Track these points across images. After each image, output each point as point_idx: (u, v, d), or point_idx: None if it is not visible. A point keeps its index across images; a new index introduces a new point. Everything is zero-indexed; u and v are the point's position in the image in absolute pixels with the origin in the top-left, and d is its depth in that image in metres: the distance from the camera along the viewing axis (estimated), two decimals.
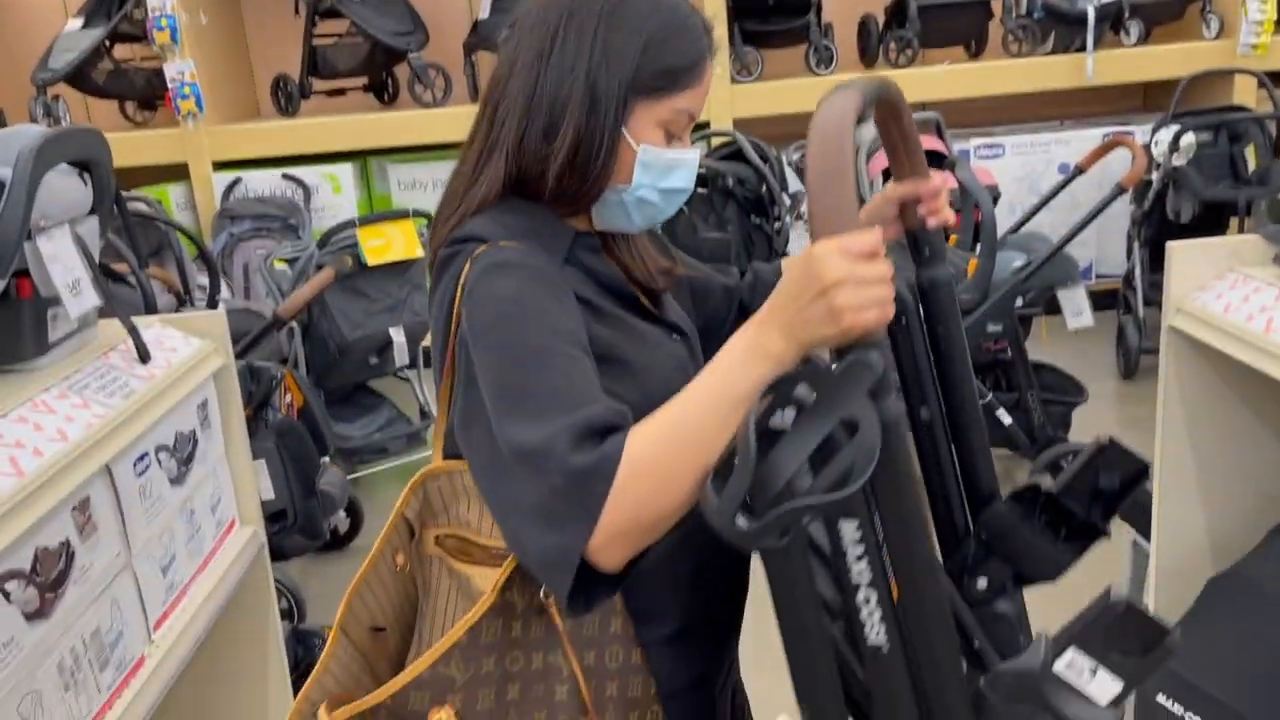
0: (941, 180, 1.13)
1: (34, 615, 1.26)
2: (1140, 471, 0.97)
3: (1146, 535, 2.36)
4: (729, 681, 1.14)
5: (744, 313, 1.22)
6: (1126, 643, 0.84)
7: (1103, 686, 0.84)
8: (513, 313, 0.92)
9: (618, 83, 0.99)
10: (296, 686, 2.05)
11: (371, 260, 3.30)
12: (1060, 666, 0.85)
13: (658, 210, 1.05)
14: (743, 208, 4.31)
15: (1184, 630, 1.67)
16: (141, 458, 1.57)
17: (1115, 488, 0.97)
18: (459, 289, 0.96)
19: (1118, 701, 0.85)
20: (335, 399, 3.63)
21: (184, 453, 1.71)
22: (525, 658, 0.93)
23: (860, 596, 0.82)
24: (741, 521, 0.74)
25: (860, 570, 0.82)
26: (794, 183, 4.14)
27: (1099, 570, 2.88)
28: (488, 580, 0.95)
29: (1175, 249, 1.79)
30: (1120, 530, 2.56)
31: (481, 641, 0.90)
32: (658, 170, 1.03)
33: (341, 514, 3.28)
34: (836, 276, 0.78)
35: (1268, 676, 1.48)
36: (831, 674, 0.85)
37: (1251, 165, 4.03)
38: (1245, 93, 4.45)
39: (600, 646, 0.98)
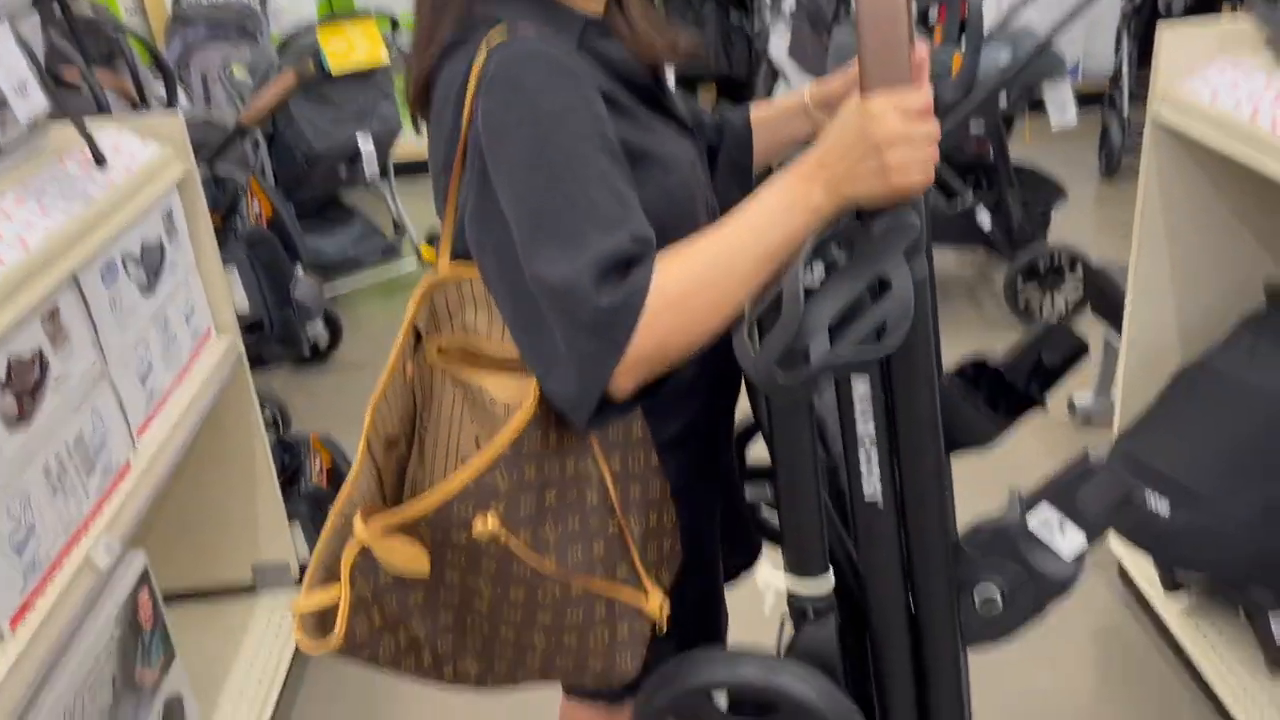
0: (925, 52, 1.05)
1: (14, 422, 1.26)
2: (1080, 351, 1.00)
3: (1118, 333, 2.39)
4: (728, 480, 1.17)
5: (710, 155, 1.16)
6: (1096, 500, 0.88)
7: (1069, 541, 0.89)
8: (539, 118, 0.85)
9: None
10: (284, 492, 2.10)
11: (335, 67, 3.16)
12: (1033, 523, 0.89)
13: None
14: (721, 5, 4.14)
15: (1148, 415, 1.72)
16: (109, 267, 1.55)
17: (1056, 365, 0.99)
18: (473, 77, 0.89)
19: (1081, 557, 0.89)
20: (306, 213, 3.56)
21: (152, 263, 1.68)
22: (560, 464, 0.93)
23: (862, 452, 0.84)
24: (780, 374, 0.74)
25: (865, 427, 0.84)
26: None
27: (1079, 369, 2.93)
28: (502, 388, 0.94)
29: (1165, 31, 1.73)
30: (1098, 329, 2.60)
31: (524, 451, 0.90)
32: None
33: (321, 327, 3.29)
34: (891, 134, 0.77)
35: (1227, 458, 1.53)
36: (820, 522, 0.87)
37: None
38: None
39: (625, 451, 0.99)
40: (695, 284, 0.83)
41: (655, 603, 0.99)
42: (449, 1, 0.96)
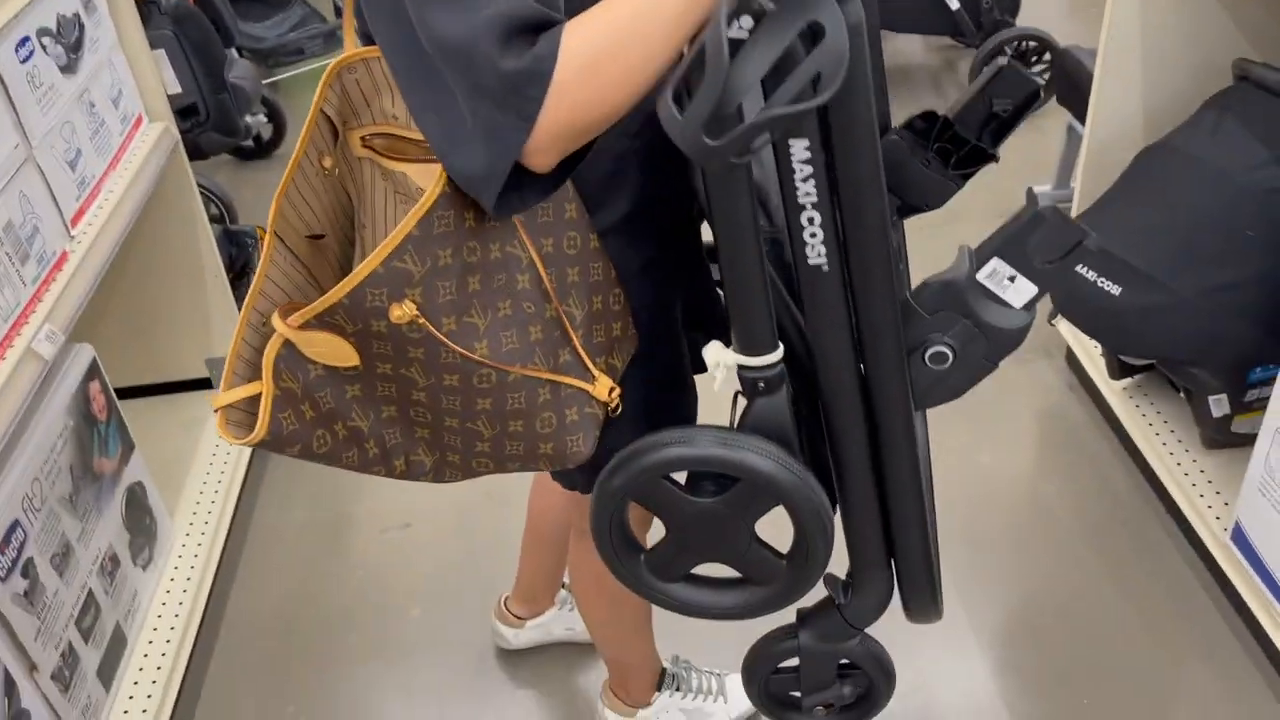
0: None
1: None
2: (1033, 94, 0.93)
3: (1081, 119, 2.35)
4: (687, 262, 1.13)
5: None
6: (1047, 248, 0.84)
7: (1019, 291, 0.86)
8: None
9: None
10: (234, 286, 2.06)
11: None
12: (983, 275, 0.86)
13: None
14: None
15: (1107, 201, 1.71)
16: (23, 41, 1.44)
17: (1009, 112, 0.93)
18: None
19: (1031, 304, 0.87)
20: None
21: (70, 38, 1.57)
22: (482, 248, 0.89)
23: (804, 217, 0.79)
24: (707, 139, 0.68)
25: (806, 191, 0.79)
26: None
27: (1038, 158, 2.91)
28: (425, 176, 0.89)
29: None
30: (1062, 117, 2.55)
31: (435, 233, 0.85)
32: None
33: (263, 118, 3.15)
34: None
35: (1179, 238, 1.53)
36: (766, 294, 0.84)
37: None
38: None
39: (557, 234, 0.94)
40: (608, 47, 0.76)
41: (603, 389, 0.97)
42: None
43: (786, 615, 1.09)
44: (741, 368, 0.90)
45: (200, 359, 2.10)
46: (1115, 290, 1.55)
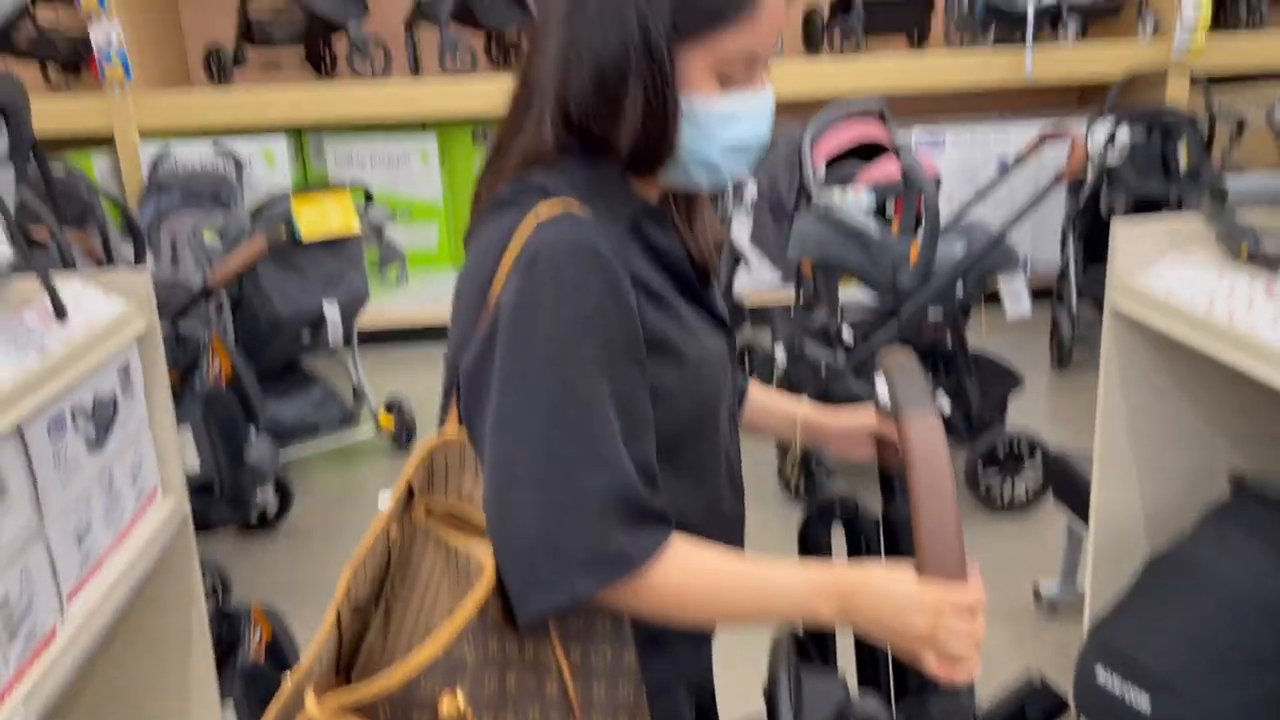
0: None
1: None
2: (1060, 706, 1.04)
3: (1081, 520, 2.38)
4: (706, 678, 1.11)
5: None
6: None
7: None
8: (569, 321, 0.86)
9: (663, 25, 0.87)
10: (220, 667, 1.97)
11: (307, 234, 3.20)
12: None
13: (721, 170, 0.95)
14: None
15: (1122, 607, 1.69)
16: (57, 420, 1.49)
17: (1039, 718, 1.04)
18: (514, 242, 0.89)
19: None
20: (266, 377, 3.52)
21: (103, 417, 1.62)
22: (519, 645, 0.88)
23: None
24: None
25: None
26: None
27: (1036, 553, 2.91)
28: (487, 553, 0.90)
29: (1120, 229, 1.79)
30: (1058, 516, 2.59)
31: (489, 618, 0.85)
32: (711, 124, 0.91)
33: (271, 493, 3.20)
34: (936, 631, 0.84)
35: (1207, 652, 1.49)
36: None
37: (1184, 164, 4.11)
38: (1178, 93, 4.54)
39: (587, 644, 0.93)
40: (695, 591, 0.87)
41: None
42: (506, 159, 0.96)
43: None
44: None
45: None
46: (1144, 702, 1.48)
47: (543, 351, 0.86)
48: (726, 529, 1.02)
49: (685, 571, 0.86)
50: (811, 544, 1.05)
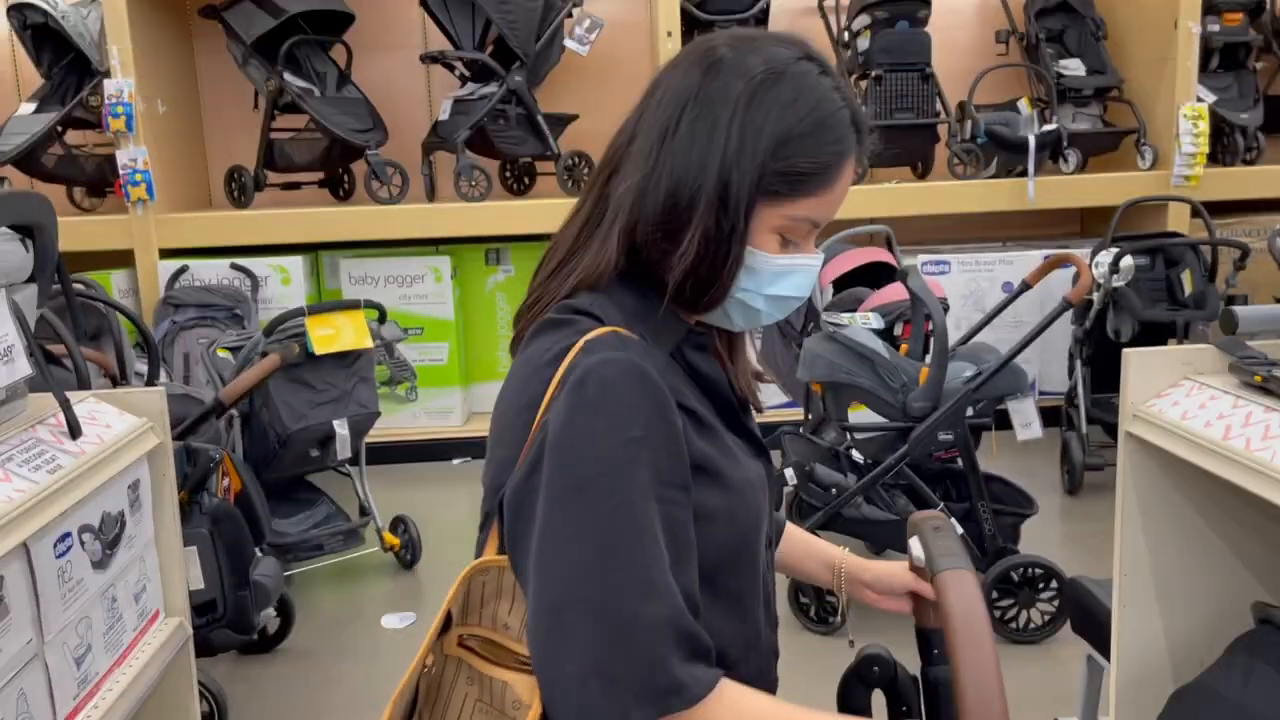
0: None
1: None
2: None
3: (1100, 651, 2.32)
4: None
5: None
6: None
7: None
8: (616, 448, 0.86)
9: (749, 181, 0.92)
10: None
11: (319, 349, 3.22)
12: None
13: (761, 315, 0.99)
14: None
15: None
16: (63, 538, 1.48)
17: None
18: (563, 367, 0.90)
19: None
20: (271, 493, 3.50)
21: (110, 535, 1.61)
22: None
23: None
24: None
25: None
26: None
27: (1054, 685, 2.82)
28: (526, 688, 0.88)
29: (1131, 356, 1.80)
30: (1076, 645, 2.52)
31: None
32: (765, 277, 0.96)
33: (271, 612, 3.13)
34: None
35: None
36: None
37: (1188, 289, 4.16)
38: (1179, 221, 4.63)
39: None
40: None
41: None
42: (562, 276, 0.98)
43: None
44: None
45: None
46: None
47: (593, 474, 0.85)
48: (762, 660, 1.00)
49: (733, 713, 0.84)
50: (851, 704, 1.02)
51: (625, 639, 0.81)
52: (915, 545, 1.00)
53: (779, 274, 0.96)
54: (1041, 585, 3.05)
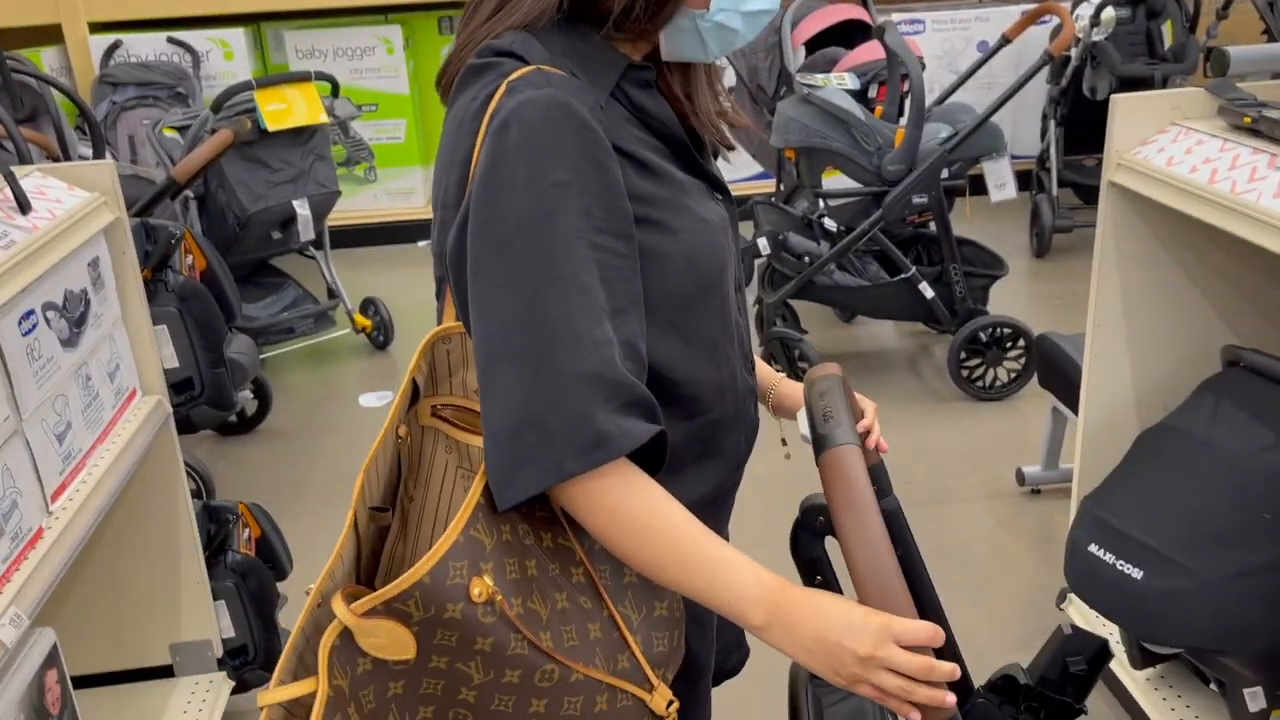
0: (873, 413, 1.07)
1: None
2: (1102, 649, 1.02)
3: (1066, 402, 2.39)
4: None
5: None
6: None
7: None
8: (543, 189, 0.81)
9: None
10: (209, 565, 1.96)
11: (272, 125, 3.08)
12: None
13: (736, 36, 0.93)
14: None
15: (1116, 483, 1.70)
16: (27, 315, 1.43)
17: (1084, 669, 1.01)
18: (488, 114, 0.84)
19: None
20: (237, 278, 3.43)
21: (75, 313, 1.57)
22: (534, 533, 0.86)
23: None
24: None
25: None
26: None
27: (1019, 438, 2.92)
28: None
29: (1118, 101, 1.75)
30: (1040, 399, 2.60)
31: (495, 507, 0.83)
32: None
33: (249, 394, 3.15)
34: (873, 660, 0.78)
35: (1198, 523, 1.50)
36: None
37: (1168, 41, 4.04)
38: None
39: None
40: (646, 526, 0.83)
41: (661, 701, 0.89)
42: (492, 24, 0.91)
43: None
44: None
45: (165, 644, 1.96)
46: (1136, 574, 1.50)
47: (517, 223, 0.82)
48: (738, 400, 0.99)
49: (647, 504, 0.82)
50: (802, 554, 1.01)
51: (553, 390, 0.79)
52: (802, 419, 0.97)
53: None
54: (1009, 344, 3.11)
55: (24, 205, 1.49)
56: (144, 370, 1.79)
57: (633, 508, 0.82)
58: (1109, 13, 3.75)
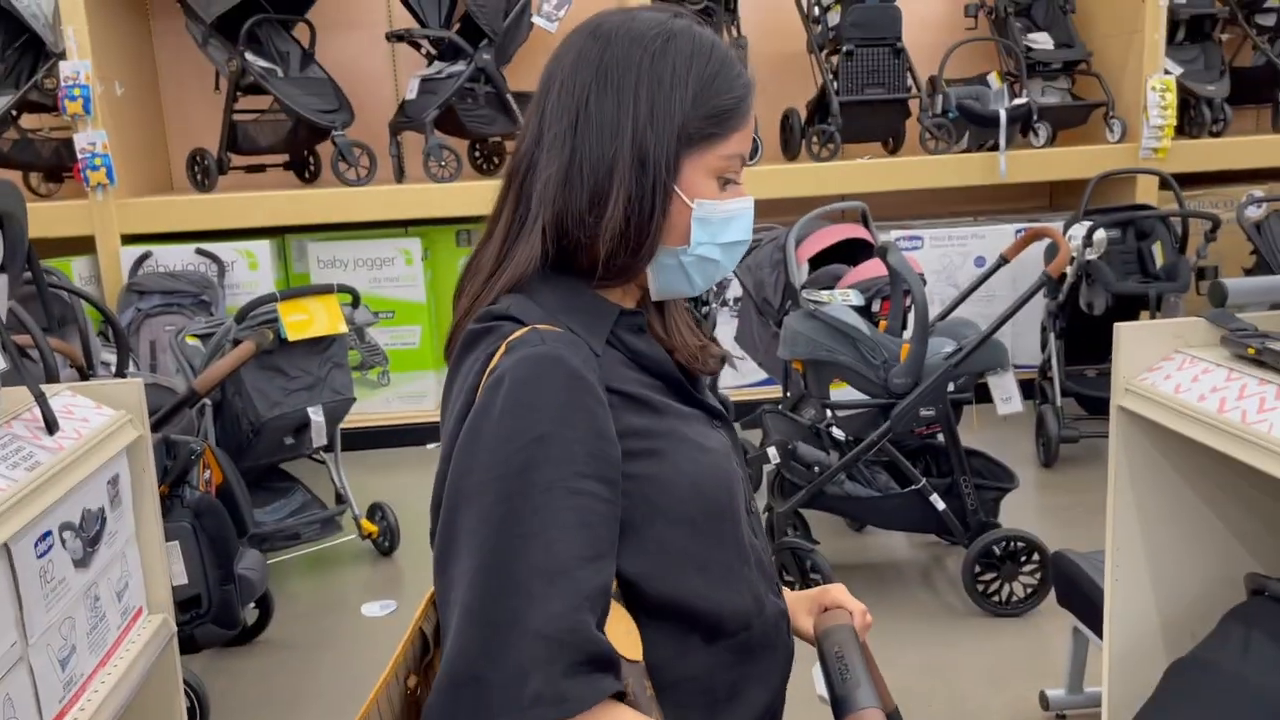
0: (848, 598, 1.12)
1: None
2: None
3: (1087, 623, 2.34)
4: None
5: None
6: None
7: None
8: (529, 439, 0.84)
9: (667, 137, 0.94)
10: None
11: (293, 335, 3.16)
12: None
13: (718, 268, 0.99)
14: None
15: (1146, 714, 1.64)
16: (44, 536, 1.43)
17: None
18: (487, 372, 0.89)
19: None
20: (246, 482, 3.44)
21: (90, 532, 1.56)
22: None
23: None
24: None
25: None
26: None
27: (1039, 657, 2.84)
28: None
29: (1122, 330, 1.80)
30: (1059, 618, 2.54)
31: None
32: (716, 224, 0.97)
33: (251, 604, 3.09)
34: None
35: None
36: None
37: (1159, 261, 4.19)
38: (1148, 193, 4.66)
39: None
40: None
41: None
42: (490, 279, 0.96)
43: None
44: None
45: None
46: None
47: (493, 476, 0.84)
48: (767, 624, 0.98)
49: None
50: None
51: (497, 647, 0.79)
52: (818, 676, 0.98)
53: (727, 219, 0.97)
54: (1023, 558, 3.07)
55: (52, 426, 1.52)
56: (152, 588, 1.77)
57: None
58: (1101, 234, 3.91)
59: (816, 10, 4.86)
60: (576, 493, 0.84)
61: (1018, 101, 4.79)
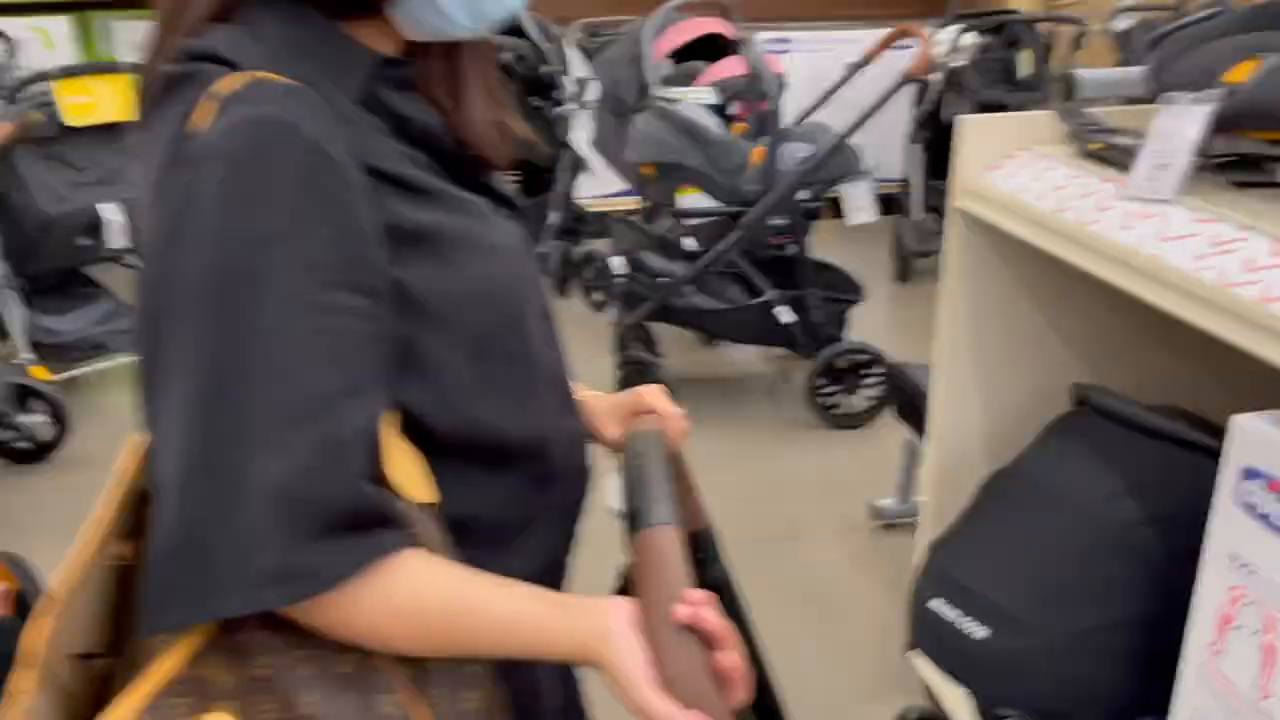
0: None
1: None
2: None
3: (920, 435, 2.31)
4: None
5: None
6: None
7: None
8: (256, 250, 0.63)
9: None
10: None
11: (73, 120, 2.79)
12: None
13: (484, 3, 0.74)
14: (521, 87, 4.01)
15: (959, 531, 1.59)
16: None
17: None
18: (185, 136, 0.65)
19: None
20: (43, 288, 3.12)
21: None
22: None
23: None
24: None
25: None
26: (578, 66, 3.86)
27: (875, 470, 2.85)
28: None
29: (967, 123, 1.66)
30: (899, 431, 2.52)
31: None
32: None
33: (45, 418, 2.84)
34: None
35: (1042, 577, 1.40)
36: None
37: (1024, 71, 4.08)
38: (1019, 2, 4.51)
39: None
40: (425, 619, 0.68)
41: None
42: (181, 17, 0.72)
43: None
44: None
45: None
46: (981, 633, 1.39)
47: (202, 283, 0.64)
48: (562, 449, 0.84)
49: (388, 603, 0.66)
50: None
51: (222, 507, 0.62)
52: (612, 487, 0.84)
53: None
54: (865, 372, 3.04)
55: None
56: None
57: (397, 611, 0.67)
58: (969, 37, 3.75)
59: None
60: (324, 308, 0.64)
61: None
